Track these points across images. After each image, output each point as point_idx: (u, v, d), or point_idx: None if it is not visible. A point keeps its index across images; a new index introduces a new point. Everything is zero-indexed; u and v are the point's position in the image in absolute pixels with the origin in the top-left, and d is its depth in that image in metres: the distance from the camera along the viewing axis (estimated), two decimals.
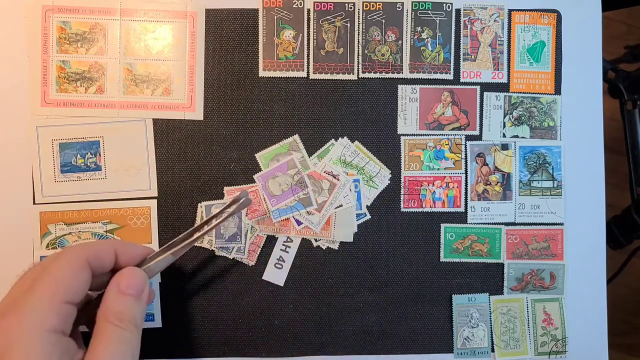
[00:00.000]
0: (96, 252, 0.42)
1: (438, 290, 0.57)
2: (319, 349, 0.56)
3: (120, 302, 0.41)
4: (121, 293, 0.41)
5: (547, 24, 0.57)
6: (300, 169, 0.55)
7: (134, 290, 0.42)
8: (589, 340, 0.58)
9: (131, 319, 0.40)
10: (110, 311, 0.40)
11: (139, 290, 0.42)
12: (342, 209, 0.56)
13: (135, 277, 0.42)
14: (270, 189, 0.55)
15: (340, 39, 0.56)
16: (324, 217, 0.55)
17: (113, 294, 0.41)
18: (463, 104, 0.57)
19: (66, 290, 0.38)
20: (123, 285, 0.41)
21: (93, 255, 0.41)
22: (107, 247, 0.43)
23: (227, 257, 0.55)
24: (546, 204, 0.57)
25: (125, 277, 0.42)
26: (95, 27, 0.55)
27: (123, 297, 0.41)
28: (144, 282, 0.43)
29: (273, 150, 0.56)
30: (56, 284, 0.38)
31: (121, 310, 0.40)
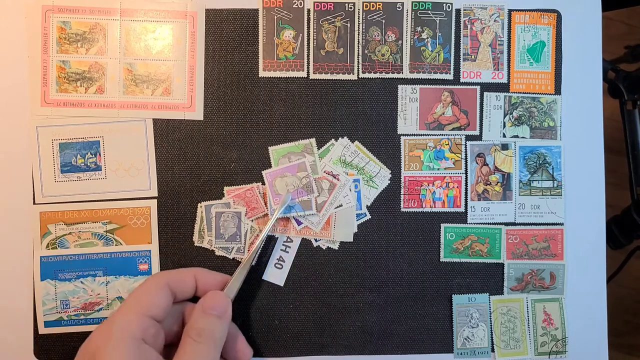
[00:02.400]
0: (177, 276, 0.48)
1: (438, 290, 0.57)
2: (319, 349, 0.56)
3: (202, 321, 0.46)
4: (205, 313, 0.46)
5: (547, 24, 0.57)
6: (310, 173, 0.55)
7: (217, 310, 0.46)
8: (589, 340, 0.58)
9: (210, 335, 0.45)
10: (191, 328, 0.45)
11: (222, 311, 0.47)
12: (342, 209, 0.56)
13: (218, 299, 0.47)
14: (276, 187, 0.55)
15: (340, 39, 0.56)
16: (324, 217, 0.55)
17: (197, 313, 0.46)
18: (463, 104, 0.57)
19: (148, 305, 0.44)
20: (207, 306, 0.46)
21: (173, 278, 0.47)
22: (187, 273, 0.49)
23: (227, 257, 0.55)
24: (546, 204, 0.57)
25: (209, 299, 0.47)
26: (95, 27, 0.55)
27: (206, 316, 0.46)
28: (227, 303, 0.48)
29: (287, 148, 0.56)
30: (139, 299, 0.45)
31: (201, 327, 0.45)
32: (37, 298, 0.55)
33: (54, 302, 0.55)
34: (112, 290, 0.55)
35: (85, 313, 0.55)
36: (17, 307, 0.55)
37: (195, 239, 0.55)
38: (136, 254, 0.55)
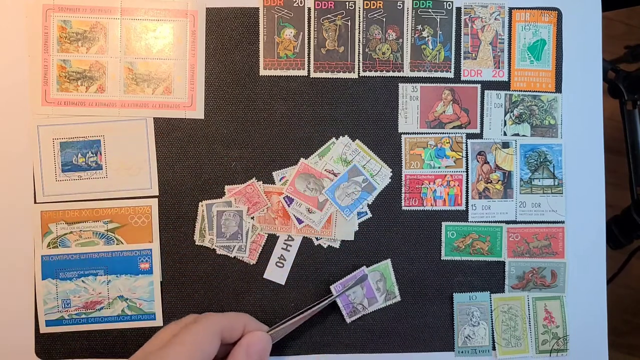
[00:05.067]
0: (230, 325, 0.47)
1: (439, 288, 0.57)
2: (320, 347, 0.56)
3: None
4: (249, 356, 0.46)
5: (548, 22, 0.57)
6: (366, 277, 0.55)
7: (259, 354, 0.47)
8: (589, 338, 0.58)
9: None
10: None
11: (264, 353, 0.47)
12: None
13: (262, 342, 0.47)
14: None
15: (341, 38, 0.56)
16: (325, 215, 0.55)
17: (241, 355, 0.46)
18: (464, 102, 0.57)
19: (202, 352, 0.43)
20: (251, 349, 0.46)
21: (227, 327, 0.46)
22: (239, 321, 0.48)
23: (229, 255, 0.55)
24: (547, 202, 0.57)
25: (253, 341, 0.47)
26: (95, 26, 0.55)
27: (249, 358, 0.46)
28: (269, 346, 0.48)
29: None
30: (194, 345, 0.43)
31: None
32: (38, 297, 0.55)
33: (55, 302, 0.55)
34: (113, 289, 0.55)
35: (86, 312, 0.55)
36: (18, 306, 0.55)
37: (197, 238, 0.55)
38: (137, 253, 0.55)
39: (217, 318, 0.46)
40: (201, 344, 0.43)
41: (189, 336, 0.44)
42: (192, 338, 0.44)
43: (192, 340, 0.43)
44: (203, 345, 0.44)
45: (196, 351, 0.43)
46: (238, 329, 0.48)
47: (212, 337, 0.44)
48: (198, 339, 0.44)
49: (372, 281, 0.55)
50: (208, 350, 0.44)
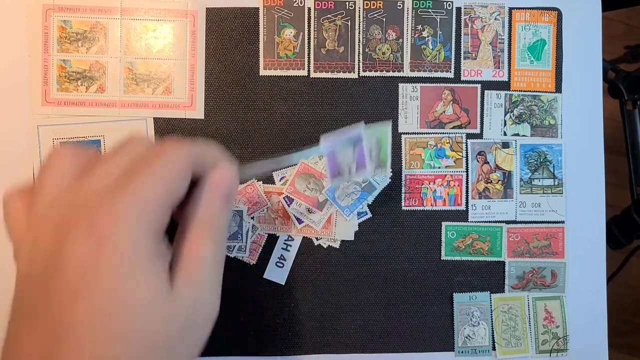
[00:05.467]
0: (201, 156, 0.37)
1: (439, 288, 0.57)
2: (320, 347, 0.56)
3: (214, 205, 0.37)
4: (214, 195, 0.37)
5: (548, 22, 0.57)
6: None
7: (226, 191, 0.38)
8: (589, 338, 0.58)
9: (221, 225, 0.37)
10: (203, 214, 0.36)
11: (230, 192, 0.38)
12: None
13: (228, 179, 0.38)
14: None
15: (341, 38, 0.56)
16: (325, 215, 0.55)
17: (207, 196, 0.37)
18: (464, 102, 0.57)
19: (172, 192, 0.34)
20: (217, 187, 0.37)
21: (197, 159, 0.36)
22: (211, 154, 0.38)
23: (229, 255, 0.55)
24: (547, 202, 0.57)
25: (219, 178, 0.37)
26: (95, 26, 0.55)
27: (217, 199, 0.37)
28: (236, 184, 0.39)
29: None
30: (166, 182, 0.33)
31: (214, 213, 0.37)
32: None
33: None
34: None
35: None
36: None
37: None
38: None
39: (187, 148, 0.36)
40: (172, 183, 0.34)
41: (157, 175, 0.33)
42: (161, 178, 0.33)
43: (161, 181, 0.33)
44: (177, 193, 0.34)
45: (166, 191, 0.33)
46: (208, 160, 0.37)
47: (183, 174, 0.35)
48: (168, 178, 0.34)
49: (366, 145, 0.47)
50: (179, 189, 0.34)
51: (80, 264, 0.31)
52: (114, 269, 0.31)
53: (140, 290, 0.31)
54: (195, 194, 0.37)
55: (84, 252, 0.31)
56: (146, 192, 0.32)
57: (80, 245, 0.31)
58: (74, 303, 0.30)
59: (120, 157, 0.35)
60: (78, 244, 0.31)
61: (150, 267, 0.32)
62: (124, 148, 0.36)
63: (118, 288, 0.31)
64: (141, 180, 0.33)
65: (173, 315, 0.33)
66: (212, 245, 0.36)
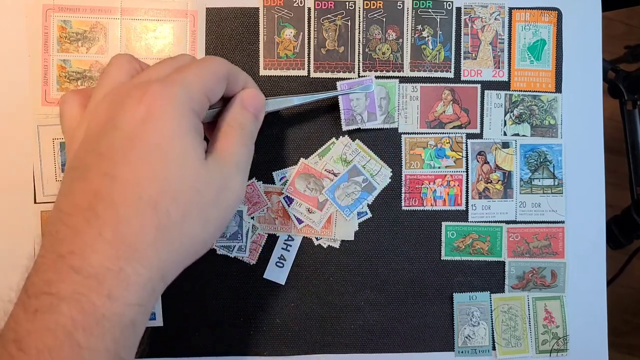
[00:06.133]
0: (235, 74, 0.45)
1: (439, 288, 0.57)
2: (320, 347, 0.56)
3: (243, 115, 0.45)
4: (244, 108, 0.45)
5: (548, 22, 0.57)
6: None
7: (255, 109, 0.46)
8: (589, 338, 0.58)
9: (250, 132, 0.45)
10: (235, 120, 0.44)
11: (259, 110, 0.46)
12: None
13: (257, 98, 0.46)
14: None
15: (341, 38, 0.56)
16: (325, 215, 0.55)
17: (238, 107, 0.45)
18: (464, 102, 0.57)
19: (212, 86, 0.41)
20: (247, 102, 0.45)
21: (233, 72, 0.45)
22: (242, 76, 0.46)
23: (228, 255, 0.55)
24: (547, 202, 0.57)
25: (249, 96, 0.46)
26: (95, 26, 0.55)
27: (246, 112, 0.45)
28: (263, 105, 0.47)
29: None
30: (208, 76, 0.41)
31: (244, 122, 0.45)
32: None
33: None
34: None
35: None
36: None
37: None
38: None
39: (225, 63, 0.44)
40: (212, 84, 0.42)
41: (198, 74, 0.41)
42: (204, 76, 0.41)
43: (203, 77, 0.41)
44: (213, 86, 0.42)
45: (207, 89, 0.41)
46: (241, 81, 0.46)
47: (221, 80, 0.43)
48: (210, 78, 0.41)
49: (376, 96, 0.55)
50: (216, 92, 0.42)
51: (130, 126, 0.37)
52: (159, 130, 0.37)
53: (180, 150, 0.38)
54: (229, 105, 0.45)
55: (135, 116, 0.37)
56: (190, 81, 0.40)
57: (131, 112, 0.37)
58: (123, 156, 0.36)
59: (170, 62, 0.43)
60: (129, 110, 0.37)
61: (189, 136, 0.38)
62: (174, 58, 0.44)
63: (161, 145, 0.37)
64: (186, 73, 0.40)
65: (204, 182, 0.39)
66: (240, 143, 0.44)
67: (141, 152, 0.36)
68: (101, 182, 0.36)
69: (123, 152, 0.36)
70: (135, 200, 0.36)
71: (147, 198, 0.36)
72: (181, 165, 0.38)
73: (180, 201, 0.37)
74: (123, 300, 0.34)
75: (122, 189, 0.36)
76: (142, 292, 0.36)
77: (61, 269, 0.34)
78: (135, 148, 0.36)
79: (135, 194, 0.36)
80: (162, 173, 0.37)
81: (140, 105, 0.37)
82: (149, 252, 0.36)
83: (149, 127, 0.37)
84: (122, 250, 0.35)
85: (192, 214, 0.38)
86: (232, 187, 0.42)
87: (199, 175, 0.39)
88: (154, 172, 0.36)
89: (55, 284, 0.33)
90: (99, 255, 0.34)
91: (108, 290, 0.34)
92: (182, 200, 0.37)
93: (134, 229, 0.35)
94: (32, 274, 0.35)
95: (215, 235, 0.42)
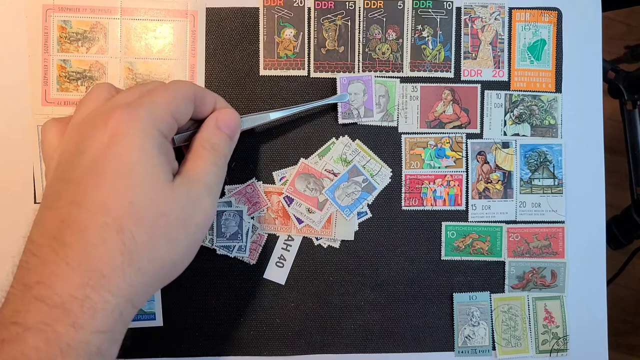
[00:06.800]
0: (202, 95, 0.45)
1: (439, 288, 0.57)
2: (320, 347, 0.56)
3: (216, 136, 0.45)
4: (218, 129, 0.45)
5: (548, 22, 0.57)
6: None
7: (229, 129, 0.46)
8: (589, 338, 0.58)
9: (223, 153, 0.45)
10: (207, 141, 0.44)
11: (233, 131, 0.46)
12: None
13: (232, 119, 0.46)
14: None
15: (341, 38, 0.56)
16: (325, 215, 0.55)
17: (211, 127, 0.45)
18: (464, 102, 0.57)
19: (177, 107, 0.42)
20: (221, 123, 0.46)
21: (200, 95, 0.45)
22: (211, 96, 0.47)
23: (228, 255, 0.55)
24: (547, 202, 0.57)
25: (224, 116, 0.46)
26: (95, 26, 0.55)
27: (220, 132, 0.45)
28: (238, 125, 0.47)
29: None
30: (174, 97, 0.42)
31: (216, 142, 0.45)
32: None
33: None
34: None
35: None
36: None
37: None
38: None
39: (192, 85, 0.45)
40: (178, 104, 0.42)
41: (167, 91, 0.41)
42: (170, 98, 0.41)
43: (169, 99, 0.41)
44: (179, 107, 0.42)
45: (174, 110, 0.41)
46: (210, 101, 0.46)
47: (187, 102, 0.43)
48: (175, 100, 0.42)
49: (375, 93, 0.56)
50: (184, 112, 0.42)
51: (96, 151, 0.37)
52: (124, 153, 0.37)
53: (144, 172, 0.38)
54: (203, 126, 0.45)
55: (100, 141, 0.37)
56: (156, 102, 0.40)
57: (97, 137, 0.38)
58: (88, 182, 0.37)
59: (139, 87, 0.43)
60: (95, 135, 0.38)
61: (154, 157, 0.39)
62: (143, 84, 0.45)
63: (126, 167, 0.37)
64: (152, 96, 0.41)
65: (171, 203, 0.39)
66: (211, 163, 0.43)
67: (105, 176, 0.37)
68: (68, 209, 0.36)
69: (88, 177, 0.37)
70: (101, 226, 0.36)
71: (112, 223, 0.36)
72: (146, 188, 0.38)
73: (145, 224, 0.37)
74: (89, 329, 0.34)
75: (88, 215, 0.36)
76: (109, 318, 0.36)
77: (28, 300, 0.34)
78: (100, 172, 0.37)
79: (100, 219, 0.36)
80: (127, 196, 0.37)
81: (106, 129, 0.38)
82: (116, 277, 0.36)
83: (113, 151, 0.37)
84: (88, 277, 0.35)
85: (159, 236, 0.38)
86: (201, 208, 0.41)
87: (164, 197, 0.39)
88: (118, 195, 0.37)
89: (22, 314, 0.34)
90: (65, 284, 0.34)
91: (73, 319, 0.34)
92: (147, 223, 0.37)
93: (100, 255, 0.35)
94: (3, 305, 0.36)
95: (187, 257, 0.42)
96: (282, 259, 0.56)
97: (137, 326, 0.55)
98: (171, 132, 0.42)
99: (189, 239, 0.41)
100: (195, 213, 0.41)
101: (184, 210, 0.40)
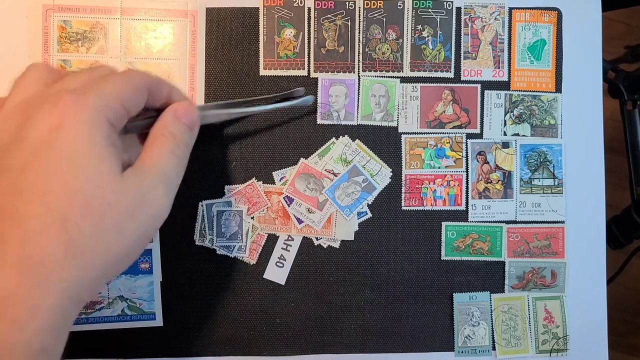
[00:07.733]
0: (156, 85, 0.43)
1: (439, 288, 0.57)
2: (320, 347, 0.56)
3: (175, 125, 0.42)
4: (177, 119, 0.43)
5: (548, 22, 0.57)
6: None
7: (188, 120, 0.43)
8: (589, 338, 0.58)
9: (182, 142, 0.43)
10: (166, 129, 0.42)
11: (192, 121, 0.44)
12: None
13: (191, 110, 0.44)
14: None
15: (341, 38, 0.56)
16: (325, 215, 0.55)
17: (170, 117, 0.43)
18: (464, 102, 0.57)
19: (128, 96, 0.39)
20: (180, 114, 0.43)
21: (153, 85, 0.42)
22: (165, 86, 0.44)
23: (228, 255, 0.55)
24: (547, 202, 0.57)
25: (182, 107, 0.44)
26: (95, 26, 0.55)
27: (178, 122, 0.43)
28: (197, 117, 0.45)
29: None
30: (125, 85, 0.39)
31: (174, 131, 0.42)
32: None
33: None
34: (113, 289, 0.55)
35: (86, 312, 0.55)
36: None
37: (197, 238, 0.55)
38: None
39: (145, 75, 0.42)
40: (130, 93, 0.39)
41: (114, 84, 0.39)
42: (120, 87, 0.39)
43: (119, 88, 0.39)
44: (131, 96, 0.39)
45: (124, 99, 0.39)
46: (164, 91, 0.44)
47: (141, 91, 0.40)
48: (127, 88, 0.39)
49: (375, 93, 0.55)
50: (136, 102, 0.40)
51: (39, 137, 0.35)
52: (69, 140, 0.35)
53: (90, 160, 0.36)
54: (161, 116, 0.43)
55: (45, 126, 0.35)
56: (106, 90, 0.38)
57: (41, 122, 0.35)
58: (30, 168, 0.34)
59: (88, 72, 0.41)
60: (40, 120, 0.35)
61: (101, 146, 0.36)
62: (93, 68, 0.42)
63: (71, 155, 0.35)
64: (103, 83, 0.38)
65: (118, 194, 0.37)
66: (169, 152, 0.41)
67: (49, 163, 0.34)
68: (6, 197, 0.34)
69: (30, 164, 0.34)
70: (42, 214, 0.34)
71: (54, 212, 0.34)
72: (91, 177, 0.36)
73: (90, 215, 0.35)
74: (29, 327, 0.32)
75: (28, 204, 0.34)
76: (51, 316, 0.33)
77: None
78: (43, 159, 0.34)
79: (42, 208, 0.34)
80: (72, 185, 0.35)
81: (52, 115, 0.35)
82: (58, 270, 0.33)
83: (59, 137, 0.35)
84: (27, 272, 0.33)
85: (105, 228, 0.36)
86: (153, 199, 0.39)
87: (111, 187, 0.36)
88: (62, 184, 0.34)
89: None
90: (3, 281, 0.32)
91: (11, 317, 0.32)
92: (92, 213, 0.35)
93: (41, 247, 0.33)
94: None
95: (135, 251, 0.40)
96: (282, 259, 0.56)
97: (137, 326, 0.55)
98: (121, 122, 0.39)
99: (138, 231, 0.38)
100: (148, 203, 0.38)
101: (133, 201, 0.37)
